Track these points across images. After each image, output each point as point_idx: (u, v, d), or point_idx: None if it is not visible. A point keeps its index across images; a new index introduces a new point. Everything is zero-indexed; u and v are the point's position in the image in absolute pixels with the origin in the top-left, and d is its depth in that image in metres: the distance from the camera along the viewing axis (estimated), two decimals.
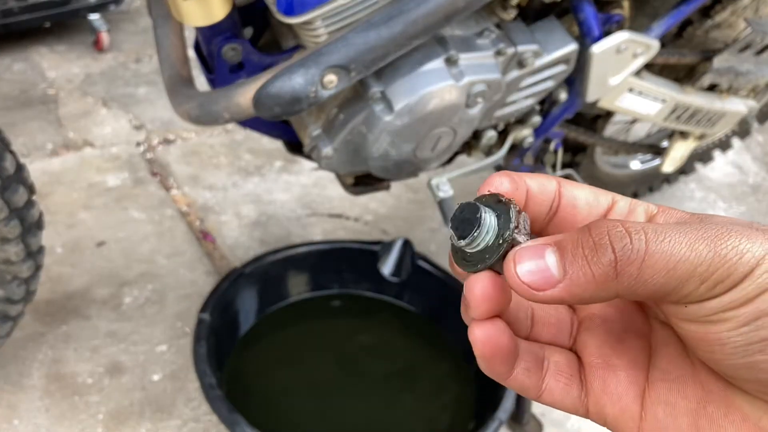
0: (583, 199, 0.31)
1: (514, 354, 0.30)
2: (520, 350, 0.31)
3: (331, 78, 0.87)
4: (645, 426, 0.29)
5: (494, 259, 0.28)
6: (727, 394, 0.28)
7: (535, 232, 0.31)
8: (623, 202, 0.31)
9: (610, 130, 1.61)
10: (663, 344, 0.30)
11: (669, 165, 1.46)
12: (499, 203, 0.29)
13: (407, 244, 1.37)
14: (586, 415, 0.31)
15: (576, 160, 1.54)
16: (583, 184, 0.32)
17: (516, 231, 0.28)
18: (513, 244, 0.28)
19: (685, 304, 0.27)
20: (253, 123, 1.06)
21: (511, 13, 1.01)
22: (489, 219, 0.29)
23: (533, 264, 0.27)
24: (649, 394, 0.30)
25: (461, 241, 0.29)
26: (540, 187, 0.31)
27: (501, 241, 0.28)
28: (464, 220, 0.29)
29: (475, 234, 0.28)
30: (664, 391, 0.29)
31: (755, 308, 0.25)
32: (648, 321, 0.32)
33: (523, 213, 0.29)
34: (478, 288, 0.29)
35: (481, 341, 0.29)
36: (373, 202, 1.74)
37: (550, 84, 1.07)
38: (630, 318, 0.32)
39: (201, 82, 1.02)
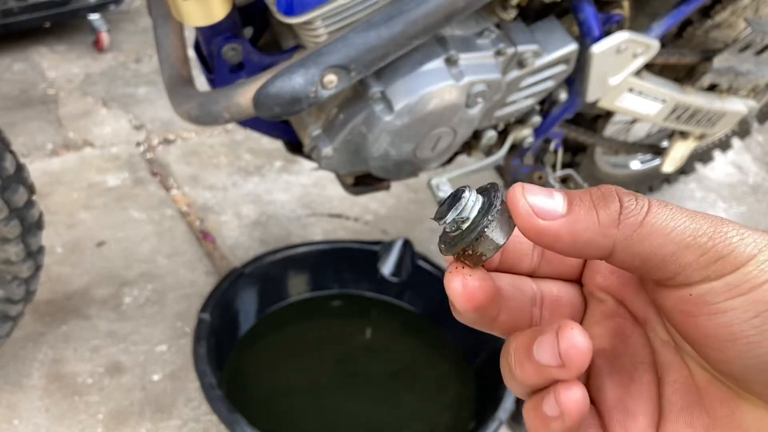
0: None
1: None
2: None
3: (331, 78, 0.87)
4: None
5: (471, 238, 0.28)
6: (734, 417, 0.27)
7: None
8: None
9: (610, 130, 1.61)
10: (668, 370, 0.30)
11: (669, 165, 1.46)
12: (484, 189, 0.29)
13: (407, 244, 1.37)
14: None
15: (576, 160, 1.54)
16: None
17: (497, 212, 0.28)
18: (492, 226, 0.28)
19: (689, 287, 0.26)
20: (253, 123, 1.06)
21: (511, 13, 1.01)
22: (470, 200, 0.28)
23: (541, 196, 0.27)
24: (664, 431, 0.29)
25: (441, 220, 0.28)
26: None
27: (482, 222, 0.28)
28: (448, 202, 0.29)
29: (455, 214, 0.28)
30: (672, 425, 0.29)
31: (764, 297, 0.24)
32: (649, 343, 0.30)
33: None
34: (453, 286, 0.28)
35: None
36: (373, 202, 1.74)
37: (550, 84, 1.07)
38: (633, 344, 0.31)
39: (201, 82, 1.02)
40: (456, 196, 0.28)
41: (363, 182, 1.17)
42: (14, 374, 1.25)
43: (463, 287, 0.28)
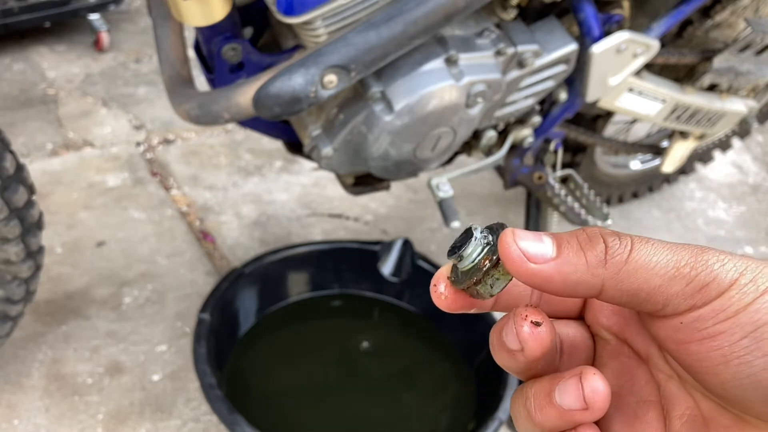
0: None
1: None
2: None
3: (331, 78, 0.87)
4: None
5: (474, 279, 0.29)
6: None
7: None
8: None
9: (610, 130, 1.61)
10: (674, 404, 0.30)
11: (669, 165, 1.46)
12: (491, 228, 0.30)
13: (407, 244, 1.37)
14: None
15: (576, 160, 1.54)
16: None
17: (497, 257, 0.29)
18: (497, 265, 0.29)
19: (678, 316, 0.27)
20: (253, 123, 1.06)
21: (511, 13, 1.01)
22: (476, 241, 0.29)
23: (530, 241, 0.28)
24: None
25: (451, 256, 0.30)
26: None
27: (484, 265, 0.29)
28: (460, 238, 0.30)
29: (462, 252, 0.29)
30: None
31: (749, 319, 0.25)
32: (654, 379, 0.31)
33: None
34: (524, 331, 0.29)
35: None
36: (373, 202, 1.74)
37: (550, 84, 1.07)
38: (638, 381, 0.32)
39: (201, 82, 1.02)
40: (467, 234, 0.30)
41: (363, 182, 1.17)
42: (14, 374, 1.25)
43: (537, 334, 0.29)
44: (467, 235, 0.30)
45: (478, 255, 0.29)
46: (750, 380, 0.26)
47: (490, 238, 0.30)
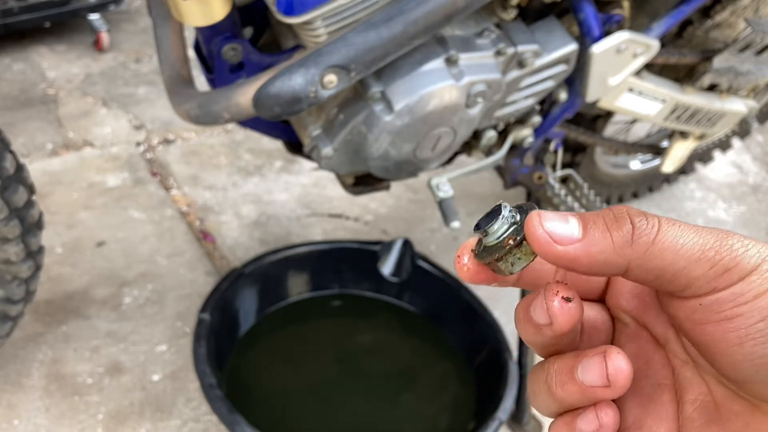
0: None
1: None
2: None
3: (331, 78, 0.87)
4: None
5: (499, 254, 0.30)
6: (748, 428, 0.29)
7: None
8: None
9: (610, 130, 1.61)
10: (687, 389, 0.31)
11: (669, 165, 1.46)
12: (520, 207, 0.31)
13: (407, 244, 1.37)
14: None
15: (576, 160, 1.54)
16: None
17: (523, 235, 0.30)
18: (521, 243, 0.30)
19: (699, 297, 0.27)
20: (253, 123, 1.06)
21: (511, 13, 1.01)
22: (504, 217, 0.30)
23: (557, 222, 0.28)
24: None
25: (477, 230, 0.30)
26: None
27: (509, 242, 0.30)
28: (488, 214, 0.31)
29: (488, 228, 0.30)
30: None
31: (767, 303, 0.26)
32: (669, 364, 0.32)
33: None
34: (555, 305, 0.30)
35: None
36: (373, 202, 1.74)
37: (550, 84, 1.07)
38: (654, 365, 0.32)
39: (201, 82, 1.02)
40: (494, 211, 0.30)
41: (363, 182, 1.17)
42: (14, 374, 1.25)
43: (567, 309, 0.30)
44: (496, 211, 0.30)
45: (504, 233, 0.30)
46: (762, 361, 0.26)
47: (518, 217, 0.30)
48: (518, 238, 0.29)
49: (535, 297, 0.30)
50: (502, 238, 0.30)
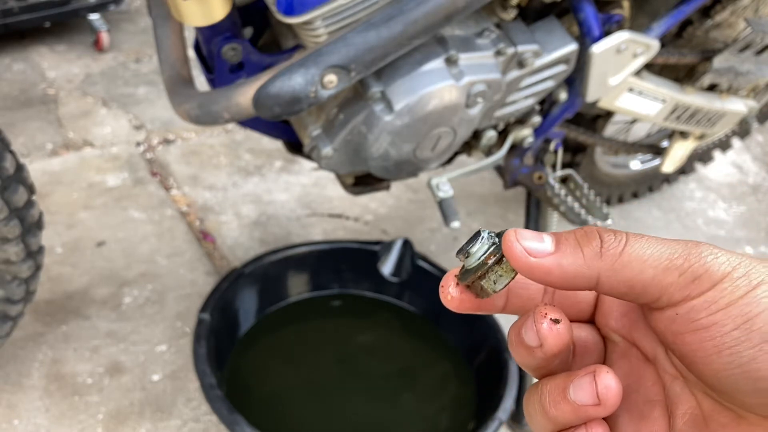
0: None
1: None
2: None
3: (331, 78, 0.87)
4: None
5: (477, 275, 0.31)
6: None
7: None
8: None
9: (610, 130, 1.61)
10: (678, 403, 0.31)
11: (669, 165, 1.46)
12: (500, 233, 0.32)
13: (407, 244, 1.37)
14: None
15: (576, 160, 1.54)
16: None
17: (501, 256, 0.31)
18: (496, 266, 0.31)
19: (674, 307, 0.28)
20: (253, 123, 1.06)
21: (511, 13, 1.01)
22: (482, 241, 0.32)
23: (532, 240, 0.30)
24: None
25: (459, 255, 0.32)
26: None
27: (486, 263, 0.31)
28: (469, 239, 0.32)
29: (469, 249, 0.32)
30: None
31: (740, 311, 0.26)
32: (659, 379, 0.32)
33: None
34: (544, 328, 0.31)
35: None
36: (373, 202, 1.74)
37: (550, 84, 1.07)
38: (645, 382, 0.33)
39: (201, 82, 1.02)
40: (475, 236, 0.32)
41: (363, 182, 1.17)
42: (14, 374, 1.25)
43: (555, 330, 0.31)
44: (476, 236, 0.32)
45: (484, 252, 0.31)
46: (740, 370, 0.27)
47: (496, 239, 0.32)
48: (498, 255, 0.31)
49: (525, 320, 0.31)
50: (482, 256, 0.31)
